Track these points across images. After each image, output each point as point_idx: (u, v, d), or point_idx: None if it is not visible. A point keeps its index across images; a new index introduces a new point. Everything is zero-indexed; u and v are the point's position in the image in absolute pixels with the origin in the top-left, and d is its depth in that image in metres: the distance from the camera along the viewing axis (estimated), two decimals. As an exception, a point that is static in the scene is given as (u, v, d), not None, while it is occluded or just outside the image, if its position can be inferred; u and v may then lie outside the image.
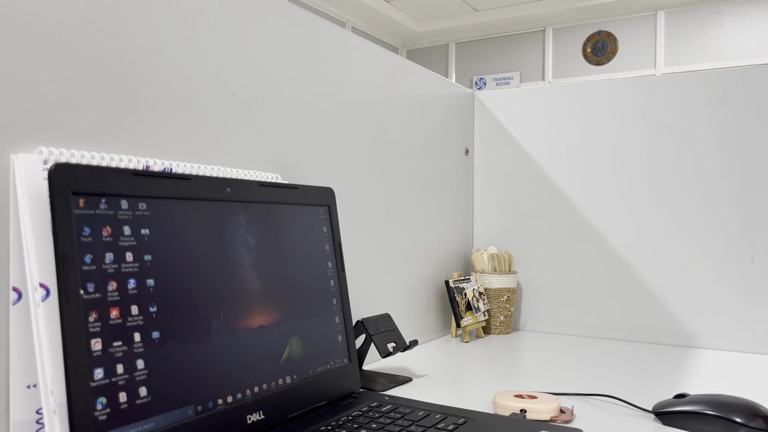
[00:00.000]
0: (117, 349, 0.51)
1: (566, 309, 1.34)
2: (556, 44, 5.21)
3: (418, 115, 1.22)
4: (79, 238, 0.51)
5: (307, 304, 0.73)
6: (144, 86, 0.69)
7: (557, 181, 1.35)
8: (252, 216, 0.68)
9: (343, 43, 1.01)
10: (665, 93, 1.24)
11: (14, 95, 0.57)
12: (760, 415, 0.70)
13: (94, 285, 0.51)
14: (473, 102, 1.44)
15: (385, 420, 0.67)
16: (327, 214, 0.79)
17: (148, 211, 0.57)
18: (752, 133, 1.17)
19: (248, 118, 0.83)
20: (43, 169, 0.55)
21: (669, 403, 0.75)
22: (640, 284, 1.26)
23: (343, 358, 0.77)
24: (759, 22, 4.47)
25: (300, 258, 0.73)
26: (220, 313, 0.61)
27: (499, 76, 5.46)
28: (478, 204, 1.44)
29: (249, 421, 0.62)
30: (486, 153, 1.43)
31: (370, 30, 5.51)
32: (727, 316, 1.18)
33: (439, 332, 1.29)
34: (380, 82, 1.11)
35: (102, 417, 0.49)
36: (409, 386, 0.90)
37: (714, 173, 1.20)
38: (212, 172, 0.74)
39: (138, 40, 0.68)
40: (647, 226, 1.26)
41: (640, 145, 1.26)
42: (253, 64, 0.84)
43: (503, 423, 0.68)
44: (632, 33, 4.91)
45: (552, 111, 1.35)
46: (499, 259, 1.31)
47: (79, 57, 0.62)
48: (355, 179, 1.04)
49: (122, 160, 0.64)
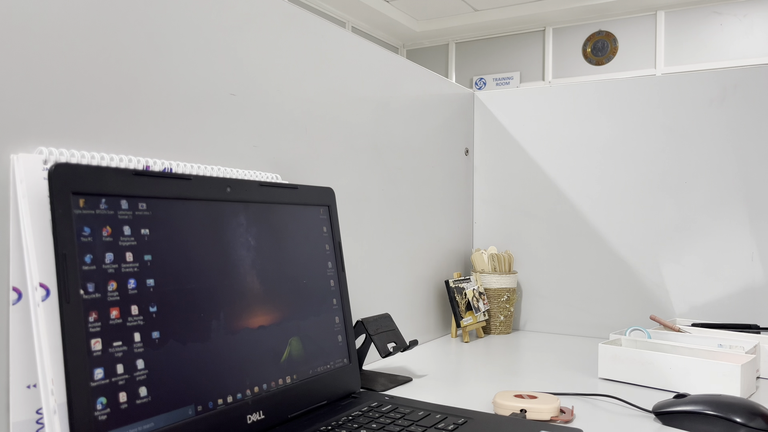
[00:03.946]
0: (117, 349, 0.51)
1: (566, 309, 1.34)
2: (556, 44, 5.21)
3: (418, 115, 1.22)
4: (79, 238, 0.51)
5: (307, 304, 0.73)
6: (144, 86, 0.69)
7: (557, 181, 1.35)
8: (252, 216, 0.68)
9: (343, 43, 1.01)
10: (665, 93, 1.24)
11: (14, 95, 0.57)
12: (760, 415, 0.70)
13: (94, 285, 0.51)
14: (473, 102, 1.44)
15: (385, 420, 0.67)
16: (327, 214, 0.79)
17: (148, 211, 0.57)
18: (752, 133, 1.17)
19: (248, 118, 0.83)
20: (43, 169, 0.55)
21: (669, 403, 0.75)
22: (640, 284, 1.26)
23: (343, 358, 0.77)
24: (759, 22, 4.47)
25: (300, 258, 0.73)
26: (220, 313, 0.61)
27: (499, 76, 5.46)
28: (478, 204, 1.44)
29: (249, 421, 0.62)
30: (486, 153, 1.43)
31: (370, 30, 5.51)
32: (728, 316, 1.18)
33: (439, 332, 1.29)
34: (380, 82, 1.11)
35: (102, 417, 0.49)
36: (409, 386, 0.90)
37: (714, 173, 1.20)
38: (212, 172, 0.74)
39: (138, 40, 0.68)
40: (647, 226, 1.26)
41: (640, 145, 1.26)
42: (253, 64, 0.84)
43: (503, 423, 0.68)
44: (632, 33, 4.90)
45: (552, 111, 1.35)
46: (499, 259, 1.31)
47: (79, 57, 0.62)
48: (355, 179, 1.04)
49: (122, 160, 0.64)
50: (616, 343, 0.98)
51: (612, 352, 0.93)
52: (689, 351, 0.91)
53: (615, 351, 0.93)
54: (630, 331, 1.02)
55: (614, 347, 0.93)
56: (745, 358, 0.87)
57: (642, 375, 0.90)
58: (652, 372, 0.89)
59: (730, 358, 0.88)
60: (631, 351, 0.91)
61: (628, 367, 0.91)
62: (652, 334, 1.03)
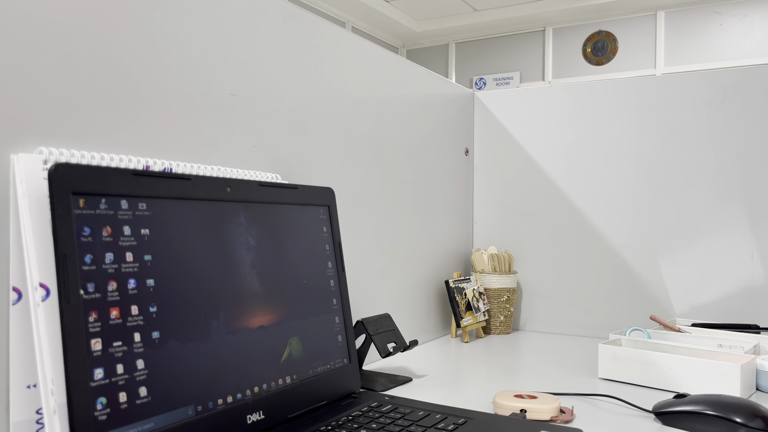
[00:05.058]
0: (117, 349, 0.51)
1: (566, 309, 1.34)
2: (556, 44, 5.21)
3: (418, 115, 1.22)
4: (79, 238, 0.51)
5: (307, 304, 0.73)
6: (144, 86, 0.69)
7: (557, 181, 1.35)
8: (252, 216, 0.68)
9: (343, 43, 1.01)
10: (665, 93, 1.24)
11: (14, 95, 0.57)
12: (760, 415, 0.70)
13: (94, 285, 0.51)
14: (473, 102, 1.44)
15: (385, 420, 0.67)
16: (327, 214, 0.79)
17: (148, 211, 0.57)
18: (752, 133, 1.17)
19: (248, 118, 0.83)
20: (43, 169, 0.55)
21: (669, 403, 0.75)
22: (640, 284, 1.26)
23: (343, 358, 0.77)
24: (759, 22, 4.47)
25: (300, 258, 0.73)
26: (220, 313, 0.61)
27: (499, 76, 5.46)
28: (478, 204, 1.44)
29: (249, 421, 0.62)
30: (486, 153, 1.43)
31: (370, 30, 5.51)
32: (728, 316, 1.18)
33: (439, 332, 1.29)
34: (380, 82, 1.11)
35: (102, 417, 0.49)
36: (409, 386, 0.90)
37: (714, 173, 1.20)
38: (212, 172, 0.74)
39: (138, 40, 0.68)
40: (647, 226, 1.26)
41: (640, 145, 1.26)
42: (254, 64, 0.84)
43: (503, 423, 0.68)
44: (632, 33, 4.90)
45: (552, 111, 1.35)
46: (499, 259, 1.31)
47: (79, 57, 0.62)
48: (355, 179, 1.04)
49: (122, 160, 0.64)
50: (616, 343, 0.98)
51: (612, 352, 0.93)
52: (689, 351, 0.91)
53: (615, 351, 0.93)
54: (630, 331, 1.02)
55: (614, 347, 0.93)
56: (744, 358, 0.87)
57: (642, 375, 0.90)
58: (652, 372, 0.89)
59: (729, 358, 0.88)
60: (631, 351, 0.91)
61: (628, 367, 0.91)
62: (652, 334, 1.03)
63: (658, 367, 0.88)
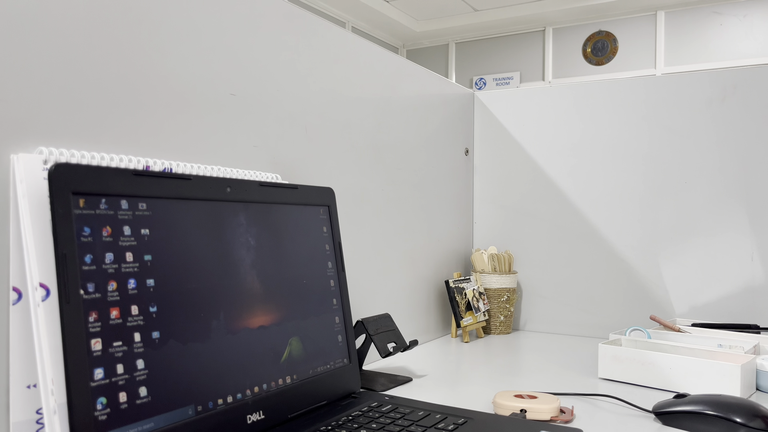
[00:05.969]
0: (117, 349, 0.51)
1: (566, 309, 1.34)
2: (556, 44, 5.21)
3: (418, 115, 1.22)
4: (79, 238, 0.51)
5: (307, 304, 0.73)
6: (144, 86, 0.69)
7: (557, 181, 1.35)
8: (252, 216, 0.68)
9: (343, 43, 1.01)
10: (665, 93, 1.24)
11: (14, 95, 0.57)
12: (760, 415, 0.70)
13: (94, 285, 0.51)
14: (473, 102, 1.44)
15: (385, 420, 0.67)
16: (327, 214, 0.79)
17: (148, 211, 0.57)
18: (752, 133, 1.17)
19: (248, 118, 0.83)
20: (43, 169, 0.55)
21: (669, 403, 0.75)
22: (640, 284, 1.26)
23: (343, 358, 0.77)
24: (759, 22, 4.47)
25: (300, 258, 0.73)
26: (220, 313, 0.61)
27: (499, 76, 5.46)
28: (478, 204, 1.44)
29: (249, 421, 0.62)
30: (486, 153, 1.43)
31: (370, 30, 5.51)
32: (728, 316, 1.18)
33: (439, 332, 1.29)
34: (380, 82, 1.11)
35: (102, 417, 0.49)
36: (409, 386, 0.90)
37: (714, 173, 1.20)
38: (212, 172, 0.74)
39: (138, 40, 0.68)
40: (647, 226, 1.26)
41: (640, 145, 1.26)
42: (253, 64, 0.84)
43: (503, 423, 0.68)
44: (632, 33, 4.90)
45: (552, 111, 1.35)
46: (499, 259, 1.31)
47: (79, 57, 0.62)
48: (355, 179, 1.04)
49: (122, 160, 0.64)
50: (616, 343, 0.98)
51: (612, 352, 0.93)
52: (689, 351, 0.91)
53: (615, 351, 0.93)
54: (630, 331, 1.02)
55: (614, 347, 0.93)
56: (744, 358, 0.87)
57: (642, 375, 0.90)
58: (652, 372, 0.89)
59: (729, 358, 0.88)
60: (631, 351, 0.91)
61: (628, 367, 0.91)
62: (652, 334, 1.03)
63: (658, 367, 0.88)
